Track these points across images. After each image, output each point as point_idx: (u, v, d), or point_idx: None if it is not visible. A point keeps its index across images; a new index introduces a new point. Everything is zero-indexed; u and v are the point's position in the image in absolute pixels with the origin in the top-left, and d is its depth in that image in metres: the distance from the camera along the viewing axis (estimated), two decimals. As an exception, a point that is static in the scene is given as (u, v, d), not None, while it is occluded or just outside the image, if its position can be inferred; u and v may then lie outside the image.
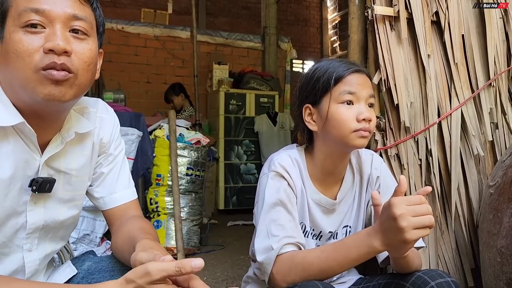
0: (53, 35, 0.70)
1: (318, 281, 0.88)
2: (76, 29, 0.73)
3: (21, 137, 0.74)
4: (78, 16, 0.73)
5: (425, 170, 1.47)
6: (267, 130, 4.56)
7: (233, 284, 2.20)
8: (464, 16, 1.57)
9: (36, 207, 0.78)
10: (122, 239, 0.84)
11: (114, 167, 0.92)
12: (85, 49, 0.74)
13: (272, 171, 1.04)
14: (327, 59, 1.09)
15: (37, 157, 0.76)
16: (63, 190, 0.82)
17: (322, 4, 7.40)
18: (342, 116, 0.98)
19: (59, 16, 0.71)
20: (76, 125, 0.82)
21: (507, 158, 1.28)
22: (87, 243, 2.23)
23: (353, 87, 0.99)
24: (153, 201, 2.86)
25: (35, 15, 0.69)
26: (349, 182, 1.13)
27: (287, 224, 0.98)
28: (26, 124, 0.72)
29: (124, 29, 5.15)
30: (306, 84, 1.07)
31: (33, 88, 0.69)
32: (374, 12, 1.47)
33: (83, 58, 0.73)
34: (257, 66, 5.62)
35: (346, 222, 1.13)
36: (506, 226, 1.16)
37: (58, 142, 0.79)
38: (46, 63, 0.68)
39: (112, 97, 2.98)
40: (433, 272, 0.92)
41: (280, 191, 1.01)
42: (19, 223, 0.76)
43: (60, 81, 0.70)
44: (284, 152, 1.09)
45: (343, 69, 1.01)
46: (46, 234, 0.81)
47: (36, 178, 0.76)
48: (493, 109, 1.57)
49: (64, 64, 0.69)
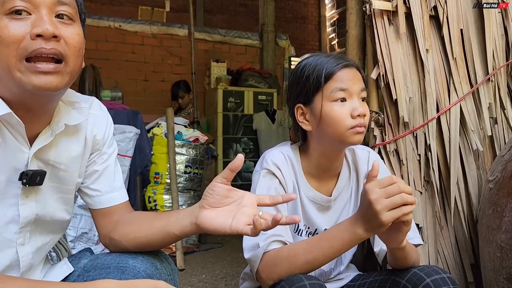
0: (40, 20, 0.68)
1: (302, 274, 0.88)
2: (62, 14, 0.71)
3: (8, 129, 0.73)
4: (62, 0, 0.71)
5: (424, 165, 1.47)
6: (265, 128, 4.55)
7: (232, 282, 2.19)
8: (462, 11, 1.56)
9: (28, 200, 0.77)
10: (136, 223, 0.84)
11: (109, 166, 0.91)
12: (73, 34, 0.72)
13: (264, 168, 1.03)
14: (314, 54, 1.06)
15: (25, 149, 0.75)
16: (50, 182, 0.81)
17: (320, 1, 7.38)
18: (337, 114, 0.97)
19: (44, 1, 0.69)
20: (66, 117, 0.81)
21: (506, 153, 1.27)
22: (85, 241, 2.22)
23: (345, 83, 0.97)
24: (152, 199, 2.86)
25: (19, 1, 0.67)
26: (345, 178, 1.12)
27: None
28: (13, 115, 0.70)
29: (121, 27, 5.12)
30: (296, 83, 1.04)
31: (19, 78, 0.67)
32: (372, 7, 1.47)
33: (72, 43, 0.72)
34: (255, 63, 5.61)
35: (342, 219, 1.12)
36: (505, 221, 1.16)
37: (48, 134, 0.78)
38: (33, 49, 0.67)
39: (109, 95, 2.96)
40: (429, 268, 0.92)
41: (270, 190, 1.00)
42: (8, 216, 0.75)
43: (50, 72, 0.68)
44: (277, 149, 1.08)
45: (332, 65, 0.98)
46: (36, 227, 0.80)
47: (26, 171, 0.74)
48: (492, 104, 1.57)
49: (54, 48, 0.68)
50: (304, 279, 0.85)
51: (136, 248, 0.83)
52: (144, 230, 0.82)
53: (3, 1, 0.67)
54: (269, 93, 4.74)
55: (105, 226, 0.89)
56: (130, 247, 0.84)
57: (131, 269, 0.77)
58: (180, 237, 0.80)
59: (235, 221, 0.73)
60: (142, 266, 0.78)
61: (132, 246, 0.83)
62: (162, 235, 0.80)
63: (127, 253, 0.82)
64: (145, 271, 0.77)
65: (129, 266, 0.77)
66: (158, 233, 0.81)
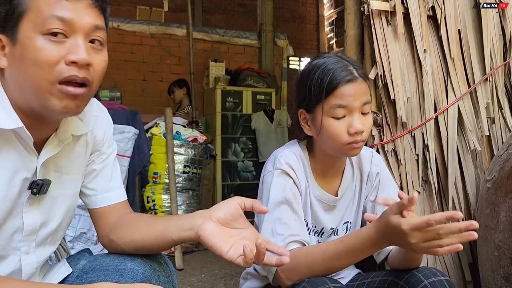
0: (77, 47, 0.68)
1: (326, 277, 0.89)
2: (96, 40, 0.72)
3: (19, 140, 0.73)
4: (98, 26, 0.72)
5: (422, 165, 1.47)
6: (264, 128, 4.55)
7: (231, 281, 2.20)
8: (460, 11, 1.57)
9: (31, 208, 0.77)
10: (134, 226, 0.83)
11: (107, 166, 0.91)
12: (101, 61, 0.73)
13: (277, 168, 1.03)
14: (324, 55, 1.05)
15: (34, 159, 0.75)
16: (56, 189, 0.81)
17: (319, 1, 7.39)
18: (334, 130, 0.97)
19: (82, 26, 0.69)
20: (73, 126, 0.81)
21: (504, 152, 1.28)
22: (84, 241, 2.22)
23: (345, 100, 0.96)
24: (150, 199, 2.86)
25: (60, 23, 0.67)
26: (349, 177, 1.13)
27: (292, 223, 0.98)
28: (25, 129, 0.70)
29: (119, 27, 5.11)
30: (302, 86, 1.04)
31: (48, 99, 0.68)
32: (370, 7, 1.47)
33: (99, 70, 0.73)
34: (254, 63, 5.60)
35: (346, 218, 1.13)
36: (503, 221, 1.16)
37: (55, 144, 0.78)
38: (67, 75, 0.67)
39: (108, 95, 2.96)
40: (427, 270, 0.93)
41: (286, 190, 1.01)
42: (15, 225, 0.75)
43: (77, 96, 0.69)
44: (288, 149, 1.09)
45: (336, 80, 0.96)
46: (46, 237, 0.81)
47: (36, 180, 0.75)
48: (490, 104, 1.57)
49: (85, 78, 0.69)
50: (328, 282, 0.87)
51: (134, 251, 0.83)
52: (142, 233, 0.82)
53: (43, 21, 0.67)
54: (268, 92, 4.74)
55: (104, 227, 0.89)
56: (128, 250, 0.84)
57: (129, 271, 0.77)
58: (177, 242, 0.80)
59: (233, 250, 0.73)
60: (141, 269, 0.78)
61: (130, 249, 0.83)
62: (159, 240, 0.80)
63: (126, 255, 0.82)
64: (143, 274, 0.77)
65: (128, 269, 0.77)
66: (156, 237, 0.80)
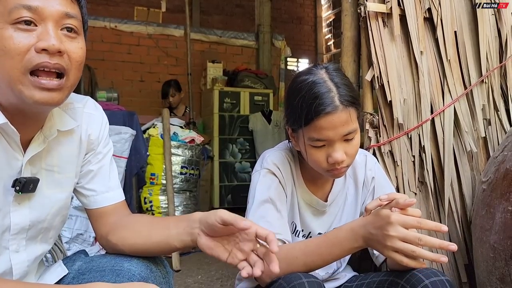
0: (46, 34, 0.68)
1: (301, 273, 0.89)
2: (68, 27, 0.71)
3: (4, 137, 0.73)
4: (70, 14, 0.71)
5: (418, 166, 1.48)
6: (261, 128, 4.55)
7: (228, 283, 2.19)
8: (456, 13, 1.57)
9: (20, 207, 0.76)
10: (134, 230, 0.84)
11: (104, 166, 0.91)
12: (77, 48, 0.73)
13: (264, 168, 1.04)
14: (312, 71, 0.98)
15: (19, 156, 0.75)
16: (48, 188, 0.80)
17: (316, 2, 7.40)
18: (314, 157, 0.97)
19: (51, 14, 0.69)
20: (59, 122, 0.81)
21: (499, 154, 1.28)
22: (81, 242, 2.21)
23: (323, 134, 0.93)
24: (147, 200, 2.85)
25: (27, 12, 0.67)
26: (340, 184, 1.13)
27: (275, 222, 0.98)
28: (9, 124, 0.70)
29: (117, 28, 5.11)
30: (287, 104, 1.02)
31: (21, 91, 0.67)
32: (367, 9, 1.47)
33: (75, 58, 0.72)
34: (251, 64, 5.61)
35: (336, 224, 1.12)
36: (498, 222, 1.17)
37: (40, 140, 0.78)
38: (37, 63, 0.67)
39: (105, 96, 2.96)
40: (428, 270, 0.92)
41: (270, 189, 1.01)
42: (4, 225, 0.75)
43: (53, 88, 0.69)
44: (276, 150, 1.09)
45: (313, 112, 0.92)
46: (36, 235, 0.80)
47: (19, 178, 0.74)
48: (486, 106, 1.58)
49: (58, 64, 0.68)
50: (303, 277, 0.86)
51: (133, 253, 0.84)
52: (143, 238, 0.83)
53: (10, 10, 0.67)
54: (265, 93, 4.74)
55: (102, 227, 0.89)
56: (127, 251, 0.84)
57: (126, 272, 0.77)
58: (180, 249, 0.84)
59: (231, 257, 0.77)
60: (137, 269, 0.78)
61: (130, 251, 0.84)
62: (162, 246, 0.82)
63: (122, 256, 0.82)
64: (140, 274, 0.77)
65: (124, 269, 0.77)
66: (159, 243, 0.82)
